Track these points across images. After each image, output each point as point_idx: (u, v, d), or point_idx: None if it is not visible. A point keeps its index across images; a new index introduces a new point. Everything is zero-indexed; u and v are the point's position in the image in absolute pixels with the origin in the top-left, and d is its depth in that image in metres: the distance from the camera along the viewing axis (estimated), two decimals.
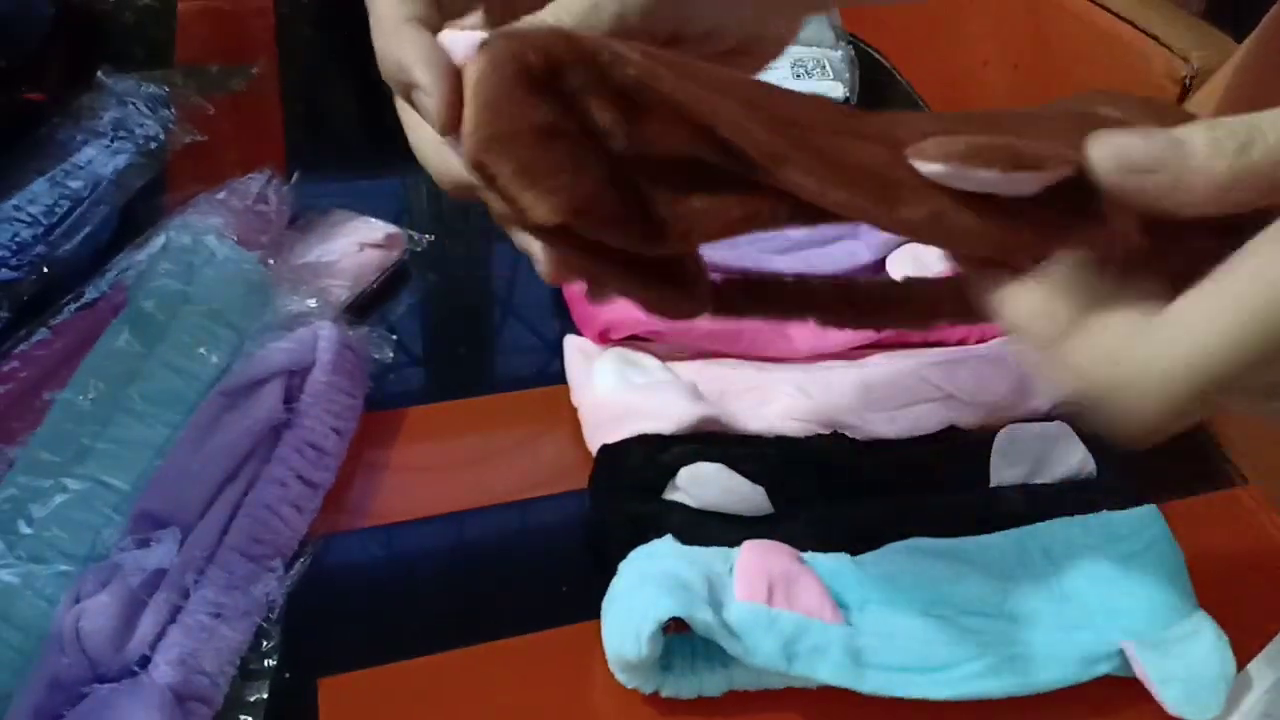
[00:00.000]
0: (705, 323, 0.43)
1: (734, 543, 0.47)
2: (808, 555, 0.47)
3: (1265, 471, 0.57)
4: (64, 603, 0.44)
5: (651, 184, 0.27)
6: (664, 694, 0.44)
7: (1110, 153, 0.23)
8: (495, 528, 0.53)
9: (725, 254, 0.62)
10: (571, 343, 0.59)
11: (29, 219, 0.61)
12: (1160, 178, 0.23)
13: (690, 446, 0.51)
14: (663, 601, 0.42)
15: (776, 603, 0.44)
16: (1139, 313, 0.24)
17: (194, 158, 0.69)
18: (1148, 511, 0.50)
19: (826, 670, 0.43)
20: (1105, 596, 0.47)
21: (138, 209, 0.66)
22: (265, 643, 0.46)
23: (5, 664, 0.42)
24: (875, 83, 0.88)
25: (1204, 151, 0.22)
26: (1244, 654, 0.46)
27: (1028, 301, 0.25)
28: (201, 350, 0.54)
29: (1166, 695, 0.45)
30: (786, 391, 0.55)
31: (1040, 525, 0.50)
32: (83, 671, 0.42)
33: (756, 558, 0.46)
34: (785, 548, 0.47)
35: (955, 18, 0.86)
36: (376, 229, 0.66)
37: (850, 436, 0.54)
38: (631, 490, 0.51)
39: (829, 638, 0.43)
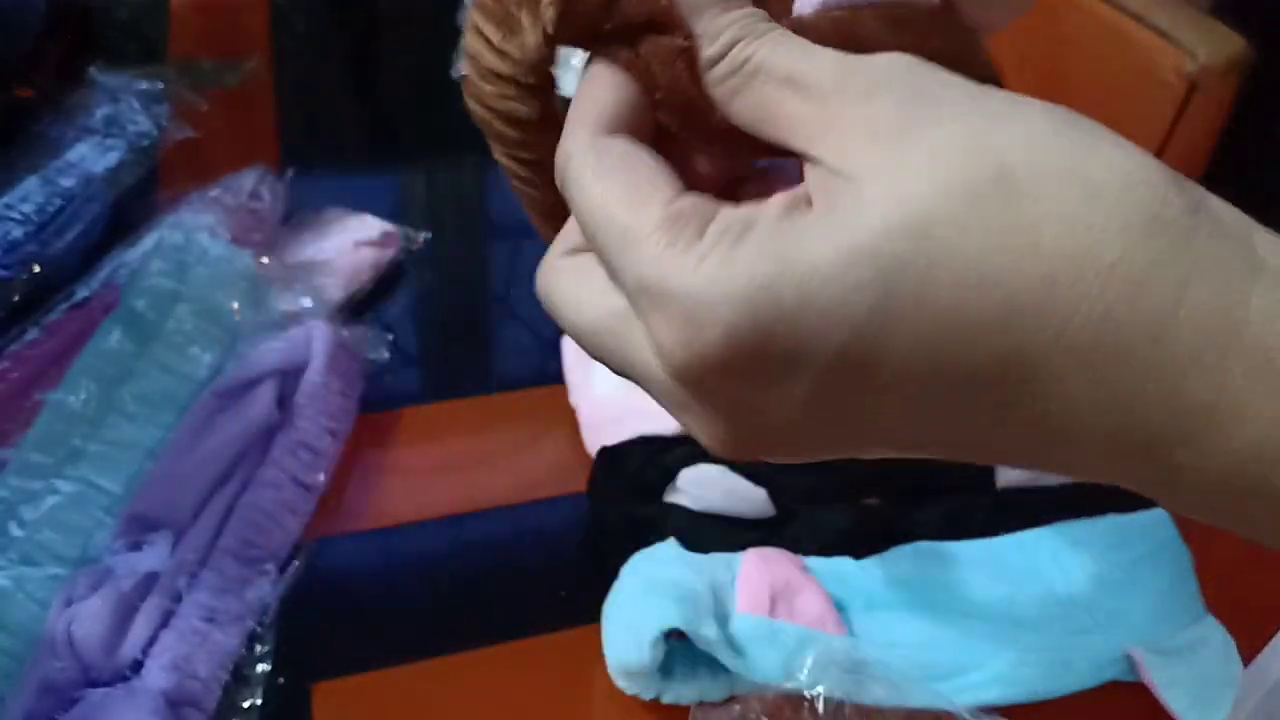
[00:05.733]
0: None
1: (736, 546, 0.46)
2: (810, 560, 0.47)
3: None
4: (56, 606, 0.43)
5: None
6: (664, 700, 0.44)
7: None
8: (492, 531, 0.53)
9: None
10: (571, 342, 0.58)
11: (20, 217, 0.60)
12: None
13: (692, 448, 0.50)
14: (667, 610, 0.42)
15: (779, 614, 0.43)
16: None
17: (187, 155, 0.69)
18: (1158, 515, 0.50)
19: (829, 683, 0.42)
20: (1113, 601, 0.46)
21: (130, 206, 0.65)
22: (259, 647, 0.45)
23: None
24: None
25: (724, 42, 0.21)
26: (1250, 656, 0.45)
27: None
28: (194, 350, 0.54)
29: (1173, 700, 0.44)
30: None
31: (1048, 528, 0.50)
32: (75, 675, 0.42)
33: (759, 568, 0.45)
34: (788, 555, 0.46)
35: None
36: (372, 226, 0.65)
37: None
38: (631, 492, 0.50)
39: (831, 650, 0.43)
